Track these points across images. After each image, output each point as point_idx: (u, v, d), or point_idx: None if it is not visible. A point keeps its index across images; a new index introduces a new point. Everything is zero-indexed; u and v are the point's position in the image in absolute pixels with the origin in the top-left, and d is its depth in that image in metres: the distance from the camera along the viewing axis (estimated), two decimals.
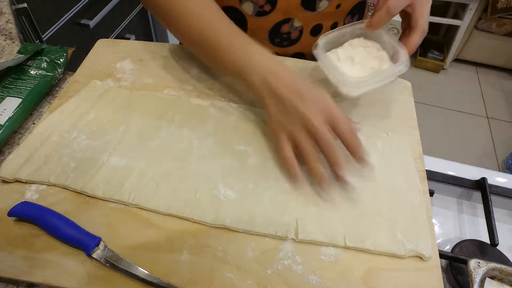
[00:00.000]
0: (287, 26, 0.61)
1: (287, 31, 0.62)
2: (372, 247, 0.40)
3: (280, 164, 0.47)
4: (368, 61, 0.52)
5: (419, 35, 0.49)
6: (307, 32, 0.63)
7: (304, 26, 0.62)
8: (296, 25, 0.61)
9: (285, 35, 0.62)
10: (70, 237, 0.39)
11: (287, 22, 0.61)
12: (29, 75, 0.57)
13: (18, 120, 0.53)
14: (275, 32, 0.62)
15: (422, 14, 0.48)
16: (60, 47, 0.62)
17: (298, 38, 0.63)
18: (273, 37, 0.63)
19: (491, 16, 2.01)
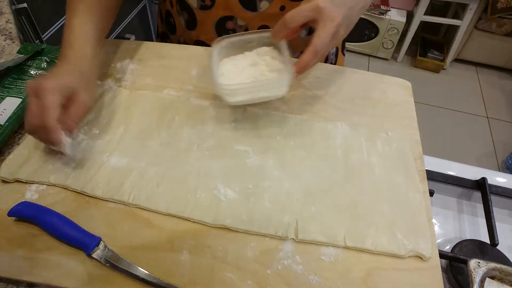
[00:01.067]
0: (232, 23, 0.62)
1: (232, 28, 0.62)
2: (372, 247, 0.40)
3: (281, 164, 0.47)
4: (267, 72, 0.50)
5: (310, 55, 0.44)
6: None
7: (248, 26, 0.62)
8: (240, 23, 0.62)
9: (231, 31, 0.63)
10: (70, 237, 0.39)
11: (231, 20, 0.61)
12: (29, 75, 0.57)
13: (18, 120, 0.53)
14: (221, 27, 0.63)
15: (320, 34, 0.43)
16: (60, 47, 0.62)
17: None
18: (220, 32, 0.63)
19: (491, 16, 2.01)
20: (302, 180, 0.46)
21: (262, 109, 0.54)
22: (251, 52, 0.52)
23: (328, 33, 0.43)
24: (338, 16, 0.43)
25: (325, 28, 0.43)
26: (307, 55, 0.44)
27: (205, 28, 0.64)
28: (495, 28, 2.08)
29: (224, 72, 0.51)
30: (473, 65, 2.36)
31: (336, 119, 0.53)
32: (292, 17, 0.44)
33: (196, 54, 0.62)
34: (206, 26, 0.63)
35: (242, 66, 0.51)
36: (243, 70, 0.51)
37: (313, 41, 0.43)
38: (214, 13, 0.61)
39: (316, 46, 0.43)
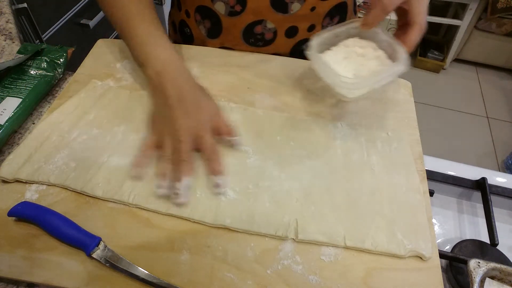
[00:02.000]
0: (260, 27, 0.61)
1: (260, 32, 0.62)
2: (372, 247, 0.40)
3: (281, 164, 0.47)
4: (365, 61, 0.51)
5: (417, 32, 0.47)
6: (282, 33, 0.62)
7: (277, 28, 0.61)
8: (269, 26, 0.61)
9: (259, 35, 0.62)
10: (70, 237, 0.39)
11: (260, 23, 0.61)
12: (29, 75, 0.57)
13: (18, 120, 0.53)
14: (249, 32, 0.62)
15: (420, 10, 0.46)
16: (60, 47, 0.62)
17: (273, 39, 0.63)
18: (247, 37, 0.63)
19: (491, 16, 2.01)
20: (302, 180, 0.46)
21: (262, 109, 0.54)
22: (339, 46, 0.52)
23: (426, 8, 0.47)
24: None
25: (421, 5, 0.46)
26: (416, 33, 0.47)
27: (231, 35, 0.63)
28: (495, 28, 2.08)
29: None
30: (473, 65, 2.36)
31: (336, 119, 0.53)
32: (390, 2, 0.45)
33: (196, 54, 0.62)
34: (233, 32, 0.63)
35: (337, 61, 0.50)
36: (339, 65, 0.50)
37: (418, 19, 0.47)
38: (243, 19, 0.60)
39: (421, 23, 0.47)
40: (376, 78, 0.47)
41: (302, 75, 0.60)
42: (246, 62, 0.61)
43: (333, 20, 0.64)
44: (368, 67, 0.50)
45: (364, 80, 0.48)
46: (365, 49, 0.51)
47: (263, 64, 0.61)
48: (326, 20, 0.63)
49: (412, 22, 0.47)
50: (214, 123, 0.47)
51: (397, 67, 0.47)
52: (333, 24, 0.65)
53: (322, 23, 0.63)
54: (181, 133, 0.44)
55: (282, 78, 0.59)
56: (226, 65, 0.61)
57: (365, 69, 0.50)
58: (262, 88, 0.57)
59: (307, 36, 0.64)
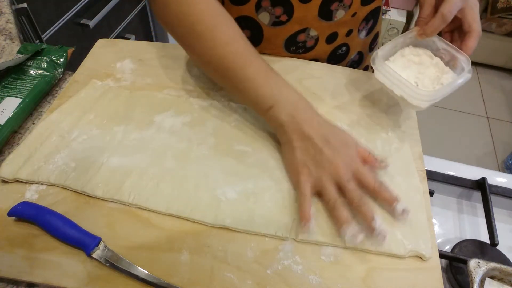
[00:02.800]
0: (303, 36, 0.61)
1: (303, 40, 0.62)
2: (372, 247, 0.40)
3: (280, 164, 0.47)
4: (423, 69, 0.50)
5: (476, 39, 0.48)
6: (323, 40, 0.62)
7: (320, 35, 0.61)
8: (312, 34, 0.61)
9: (300, 43, 0.62)
10: (70, 237, 0.39)
11: (304, 32, 0.61)
12: (29, 75, 0.57)
13: (18, 120, 0.53)
14: (291, 41, 0.62)
15: (475, 18, 0.47)
16: (60, 47, 0.62)
17: (314, 46, 0.63)
18: (288, 46, 0.63)
19: (491, 16, 2.01)
20: None
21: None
22: (396, 56, 0.52)
23: (479, 15, 0.48)
24: (477, 1, 0.48)
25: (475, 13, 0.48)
26: (474, 40, 0.48)
27: (272, 44, 0.62)
28: (495, 28, 2.08)
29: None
30: (473, 65, 2.35)
31: (336, 119, 0.53)
32: (450, 11, 0.46)
33: None
34: (275, 41, 0.62)
35: (402, 68, 0.50)
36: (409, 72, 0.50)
37: (475, 26, 0.47)
38: (287, 28, 0.60)
39: (478, 29, 0.48)
40: (450, 87, 0.47)
41: (302, 75, 0.60)
42: None
43: (368, 24, 0.65)
44: (428, 74, 0.50)
45: (439, 90, 0.47)
46: (421, 57, 0.51)
47: None
48: (362, 24, 0.64)
49: (470, 29, 0.48)
50: (360, 154, 0.45)
51: (466, 74, 0.47)
52: (367, 27, 0.66)
53: (359, 27, 0.64)
54: (343, 172, 0.42)
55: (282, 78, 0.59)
56: None
57: (425, 77, 0.50)
58: None
59: (345, 41, 0.64)
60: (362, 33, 0.66)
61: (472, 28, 0.47)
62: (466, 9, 0.47)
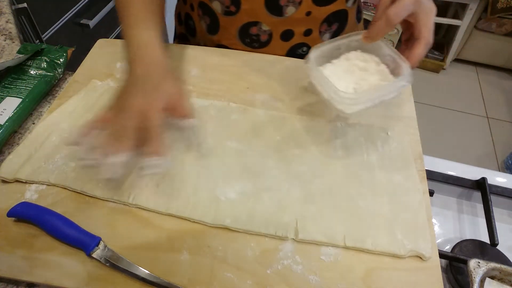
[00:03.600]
0: (256, 29, 0.61)
1: (256, 33, 0.62)
2: (372, 247, 0.40)
3: (281, 164, 0.47)
4: (366, 76, 0.48)
5: (423, 47, 0.45)
6: (277, 36, 0.62)
7: (273, 30, 0.61)
8: (264, 28, 0.61)
9: (254, 36, 0.63)
10: (70, 237, 0.39)
11: (255, 25, 0.61)
12: (29, 75, 0.57)
13: (18, 120, 0.53)
14: (244, 32, 0.62)
15: (426, 24, 0.44)
16: (60, 47, 0.62)
17: (268, 41, 0.63)
18: (243, 37, 0.63)
19: (491, 16, 2.01)
20: (302, 180, 0.46)
21: (262, 109, 0.54)
22: (339, 59, 0.50)
23: (433, 22, 0.45)
24: (433, 6, 0.45)
25: (428, 19, 0.44)
26: (422, 48, 0.45)
27: (228, 33, 0.63)
28: (495, 28, 2.08)
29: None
30: (473, 65, 2.36)
31: (336, 119, 0.53)
32: (396, 13, 0.43)
33: (196, 54, 0.62)
34: (230, 31, 0.63)
35: (337, 74, 0.48)
36: (340, 79, 0.48)
37: (424, 33, 0.44)
38: (238, 19, 0.61)
39: (427, 37, 0.45)
40: (377, 93, 0.45)
41: (302, 75, 0.60)
42: (245, 62, 0.61)
43: (332, 27, 0.64)
44: (370, 81, 0.47)
45: (363, 95, 0.45)
46: (367, 63, 0.49)
47: (263, 64, 0.61)
48: (324, 26, 0.63)
49: (418, 36, 0.45)
50: (171, 104, 0.45)
51: (399, 82, 0.45)
52: (332, 30, 0.64)
53: (320, 29, 0.63)
54: (130, 110, 0.42)
55: (282, 78, 0.59)
56: (225, 65, 0.61)
57: (366, 84, 0.47)
58: (262, 88, 0.57)
59: (303, 40, 0.64)
60: (326, 36, 0.65)
61: (421, 35, 0.44)
62: (420, 14, 0.44)
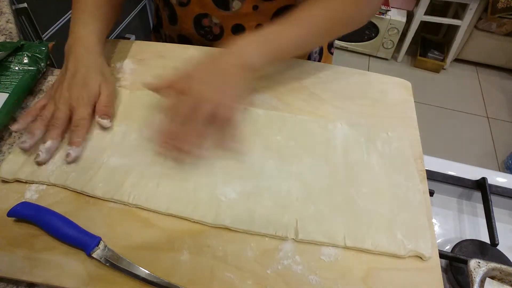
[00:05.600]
0: (207, 21, 0.63)
1: (208, 25, 0.64)
2: (372, 247, 0.40)
3: (281, 164, 0.47)
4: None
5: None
6: (228, 30, 0.63)
7: (223, 23, 0.63)
8: (215, 21, 0.63)
9: (207, 28, 0.64)
10: (70, 237, 0.39)
11: (206, 17, 0.63)
12: (12, 71, 0.58)
13: (8, 115, 0.52)
14: (198, 24, 0.64)
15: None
16: (40, 42, 0.63)
17: (220, 34, 0.64)
18: (198, 28, 0.65)
19: (491, 16, 2.01)
20: (302, 180, 0.46)
21: (262, 109, 0.54)
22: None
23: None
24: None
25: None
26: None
27: (185, 24, 0.65)
28: (495, 28, 2.08)
29: None
30: (473, 65, 2.36)
31: (336, 119, 0.53)
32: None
33: (196, 54, 0.62)
34: (186, 22, 0.65)
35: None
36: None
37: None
38: (191, 10, 0.62)
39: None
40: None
41: (302, 75, 0.60)
42: None
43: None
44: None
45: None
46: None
47: None
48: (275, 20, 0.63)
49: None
50: (95, 100, 0.49)
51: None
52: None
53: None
54: (60, 101, 0.48)
55: (282, 77, 0.59)
56: None
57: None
58: (262, 88, 0.57)
59: None
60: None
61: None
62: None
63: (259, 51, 0.49)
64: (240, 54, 0.48)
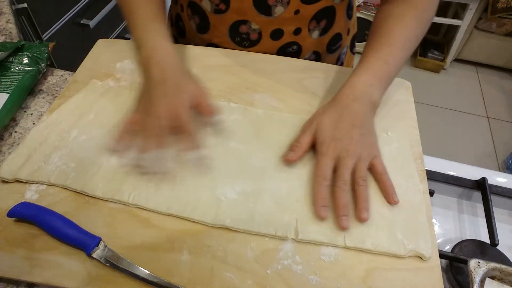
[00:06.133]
0: (245, 27, 0.62)
1: (245, 32, 0.62)
2: (372, 247, 0.40)
3: (281, 164, 0.47)
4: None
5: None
6: (267, 35, 0.62)
7: (262, 29, 0.62)
8: (254, 27, 0.61)
9: (244, 35, 0.63)
10: (70, 237, 0.39)
11: (245, 23, 0.61)
12: (12, 71, 0.58)
13: (8, 115, 0.53)
14: (235, 30, 0.63)
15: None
16: (40, 42, 0.63)
17: (258, 40, 0.63)
18: (233, 36, 0.64)
19: (491, 16, 2.01)
20: (302, 180, 0.46)
21: (262, 109, 0.54)
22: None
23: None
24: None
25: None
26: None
27: (218, 32, 0.64)
28: (495, 28, 2.08)
29: None
30: (473, 65, 2.36)
31: None
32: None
33: (196, 54, 0.62)
34: (220, 29, 0.63)
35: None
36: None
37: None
38: (228, 17, 0.61)
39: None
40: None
41: (302, 75, 0.60)
42: (245, 62, 0.61)
43: (320, 24, 0.64)
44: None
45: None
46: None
47: (263, 64, 0.61)
48: (313, 23, 0.63)
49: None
50: (195, 102, 0.47)
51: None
52: (320, 28, 0.64)
53: (309, 27, 0.63)
54: (158, 110, 0.45)
55: (282, 77, 0.59)
56: (225, 65, 0.61)
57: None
58: (262, 88, 0.57)
59: (293, 39, 0.64)
60: (315, 33, 0.64)
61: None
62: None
63: (379, 88, 0.50)
64: (366, 98, 0.48)
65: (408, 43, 0.53)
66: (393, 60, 0.51)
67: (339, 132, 0.46)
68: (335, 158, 0.45)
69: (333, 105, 0.49)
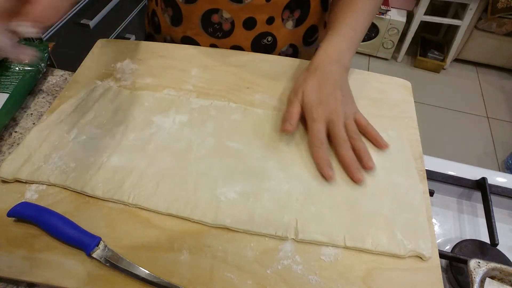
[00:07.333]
0: (217, 16, 0.61)
1: (218, 21, 0.62)
2: (372, 247, 0.40)
3: (281, 164, 0.47)
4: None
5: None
6: (239, 25, 0.62)
7: (234, 18, 0.61)
8: (225, 16, 0.61)
9: (216, 25, 0.62)
10: (70, 237, 0.39)
11: (216, 12, 0.61)
12: (12, 71, 0.58)
13: (8, 114, 0.53)
14: (207, 21, 0.62)
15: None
16: (40, 42, 0.63)
17: (231, 30, 0.63)
18: (205, 26, 0.63)
19: (491, 16, 2.01)
20: (302, 180, 0.46)
21: (262, 109, 0.54)
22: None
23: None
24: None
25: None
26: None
27: (191, 23, 0.64)
28: (495, 28, 2.08)
29: None
30: (473, 65, 2.36)
31: None
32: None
33: (196, 54, 0.62)
34: (192, 20, 0.63)
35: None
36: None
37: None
38: (199, 7, 0.61)
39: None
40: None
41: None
42: (245, 62, 0.61)
43: (294, 14, 0.63)
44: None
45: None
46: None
47: (263, 64, 0.61)
48: (286, 13, 0.62)
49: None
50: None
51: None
52: (294, 18, 0.64)
53: (282, 16, 0.62)
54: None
55: (282, 77, 0.59)
56: (225, 65, 0.61)
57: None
58: (262, 88, 0.57)
59: (266, 29, 0.63)
60: (289, 23, 0.64)
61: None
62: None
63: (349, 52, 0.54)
64: (339, 61, 0.52)
65: (370, 11, 0.58)
66: (359, 26, 0.56)
67: (324, 96, 0.49)
68: (326, 121, 0.48)
69: (312, 71, 0.52)
